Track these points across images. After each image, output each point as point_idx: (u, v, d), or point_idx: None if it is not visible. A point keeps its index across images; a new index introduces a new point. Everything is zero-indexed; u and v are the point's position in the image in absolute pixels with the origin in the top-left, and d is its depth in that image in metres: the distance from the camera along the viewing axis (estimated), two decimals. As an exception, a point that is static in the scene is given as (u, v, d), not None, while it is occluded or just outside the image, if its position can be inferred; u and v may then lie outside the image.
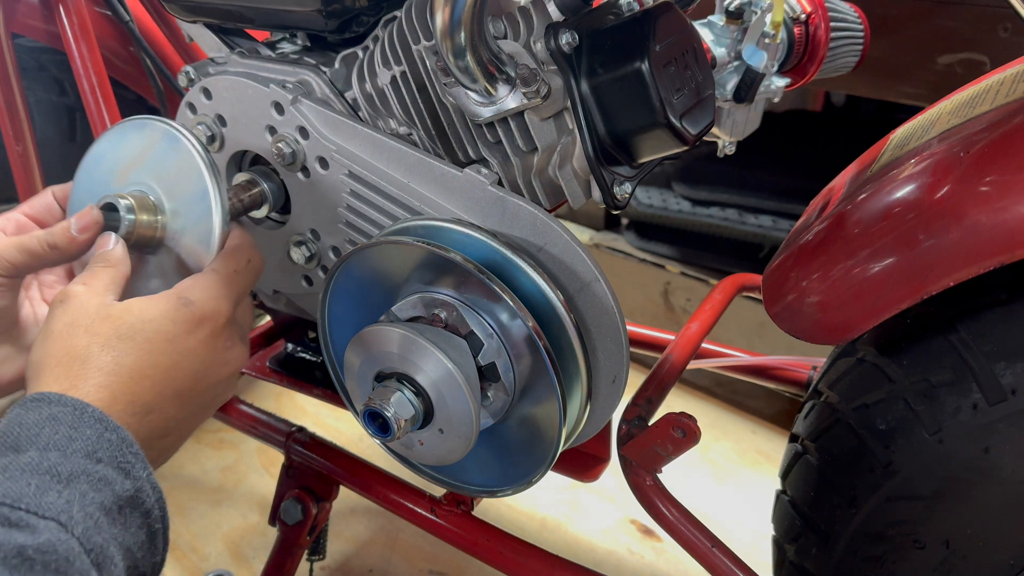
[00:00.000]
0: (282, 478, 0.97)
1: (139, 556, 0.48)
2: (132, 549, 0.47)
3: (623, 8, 0.66)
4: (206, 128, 0.73)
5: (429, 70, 0.64)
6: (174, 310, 0.55)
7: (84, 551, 0.43)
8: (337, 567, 1.30)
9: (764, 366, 1.03)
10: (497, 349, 0.61)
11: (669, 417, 0.69)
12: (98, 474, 0.46)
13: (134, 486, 0.47)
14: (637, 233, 1.86)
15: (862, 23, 0.99)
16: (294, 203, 0.73)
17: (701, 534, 0.73)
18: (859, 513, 0.65)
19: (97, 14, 1.06)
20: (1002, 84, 0.66)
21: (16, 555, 0.39)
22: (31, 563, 0.40)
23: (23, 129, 1.02)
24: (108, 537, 0.44)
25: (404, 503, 0.85)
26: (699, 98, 0.64)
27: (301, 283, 0.77)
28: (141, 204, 0.61)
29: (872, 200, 0.63)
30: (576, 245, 0.61)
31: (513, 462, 0.67)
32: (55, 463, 0.45)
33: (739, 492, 1.49)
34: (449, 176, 0.64)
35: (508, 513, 1.42)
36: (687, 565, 1.31)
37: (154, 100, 1.11)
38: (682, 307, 1.77)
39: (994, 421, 0.58)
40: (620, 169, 0.65)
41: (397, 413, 0.59)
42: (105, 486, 0.46)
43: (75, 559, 0.42)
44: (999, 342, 0.59)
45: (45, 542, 0.41)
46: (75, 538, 0.42)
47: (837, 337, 0.64)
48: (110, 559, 0.44)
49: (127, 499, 0.47)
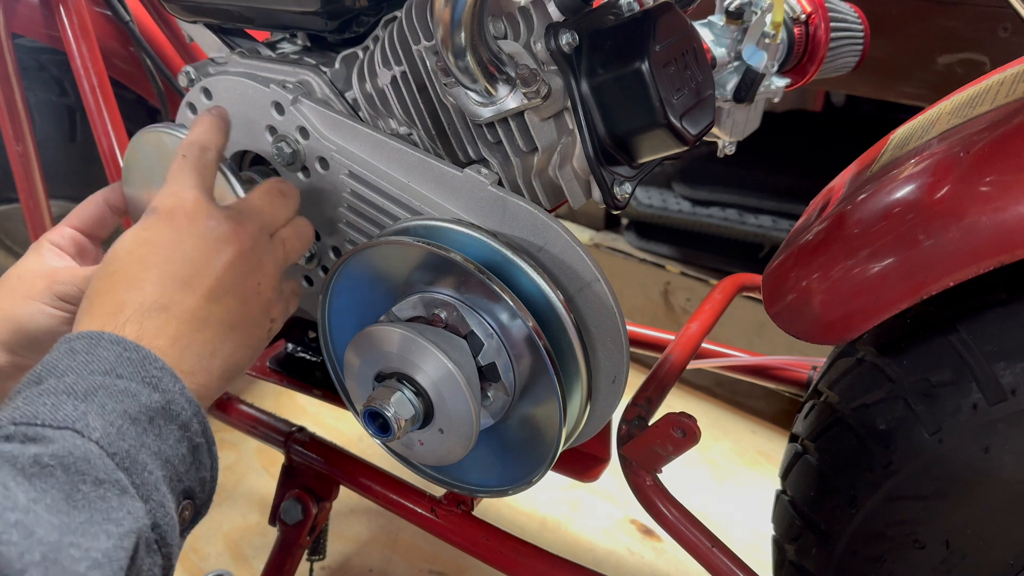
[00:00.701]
0: (282, 478, 0.97)
1: (181, 469, 0.47)
2: (172, 460, 0.46)
3: (623, 8, 0.66)
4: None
5: (429, 70, 0.64)
6: (143, 221, 0.56)
7: (107, 454, 0.42)
8: (337, 567, 1.30)
9: (764, 366, 1.03)
10: (497, 349, 0.61)
11: (669, 417, 0.69)
12: (118, 387, 0.45)
13: (164, 398, 0.47)
14: (637, 233, 1.86)
15: (862, 23, 0.99)
16: (294, 203, 0.73)
17: (701, 534, 0.73)
18: (859, 513, 0.65)
19: (97, 14, 1.06)
20: (1002, 84, 0.66)
21: (33, 463, 0.39)
22: (50, 469, 0.39)
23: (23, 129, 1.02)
24: (136, 444, 0.44)
25: (404, 503, 0.85)
26: (699, 98, 0.64)
27: (301, 283, 0.77)
28: None
29: (872, 200, 0.63)
30: (576, 245, 0.61)
31: (513, 462, 0.67)
32: (71, 383, 0.44)
33: (739, 492, 1.49)
34: (449, 176, 0.64)
35: (508, 513, 1.42)
36: (687, 565, 1.31)
37: (154, 100, 1.11)
38: (682, 307, 1.77)
39: (994, 421, 0.58)
40: (620, 169, 0.65)
41: (397, 413, 0.59)
42: (128, 397, 0.45)
43: (95, 460, 0.41)
44: (999, 342, 0.59)
45: (60, 448, 0.40)
46: (93, 442, 0.42)
47: (837, 337, 0.64)
48: (141, 465, 0.43)
49: (157, 410, 0.46)
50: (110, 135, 0.96)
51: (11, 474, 0.38)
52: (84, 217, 0.68)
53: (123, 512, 0.41)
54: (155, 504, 0.43)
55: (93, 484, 0.40)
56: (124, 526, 0.40)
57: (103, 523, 0.39)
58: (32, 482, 0.39)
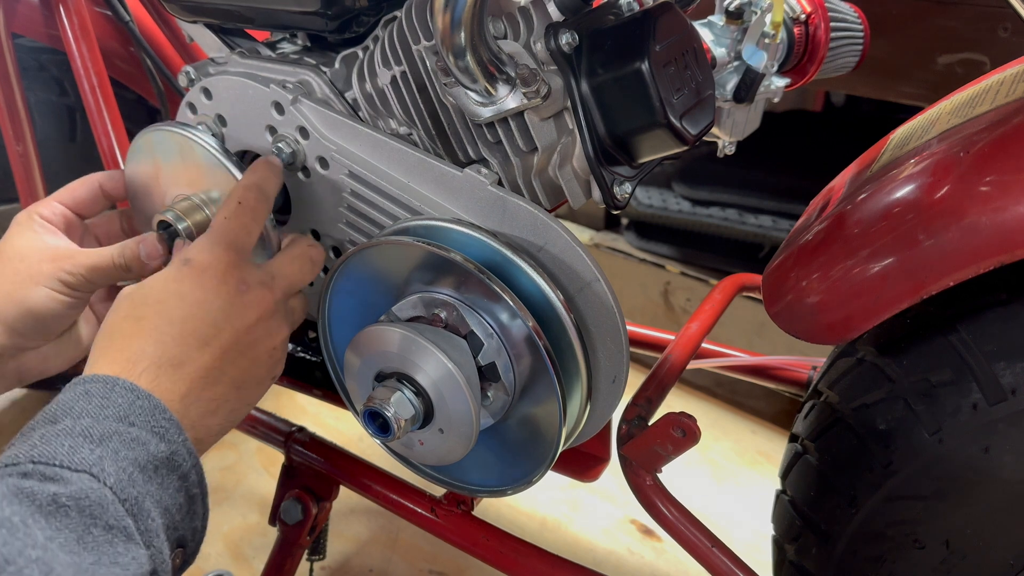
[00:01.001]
0: (282, 478, 0.97)
1: (178, 518, 0.49)
2: (170, 509, 0.48)
3: (623, 8, 0.66)
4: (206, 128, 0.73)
5: (429, 70, 0.64)
6: (176, 271, 0.57)
7: (118, 500, 0.44)
8: (337, 567, 1.30)
9: (764, 366, 1.03)
10: (497, 349, 0.61)
11: (669, 417, 0.69)
12: (131, 435, 0.47)
13: (169, 448, 0.49)
14: (637, 233, 1.86)
15: (862, 23, 0.99)
16: (294, 203, 0.73)
17: (701, 534, 0.73)
18: (859, 513, 0.65)
19: (97, 14, 1.06)
20: (1002, 84, 0.66)
21: (51, 502, 0.41)
22: (66, 509, 0.41)
23: (23, 129, 1.02)
24: (143, 492, 0.46)
25: (404, 503, 0.85)
26: (699, 98, 0.64)
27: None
28: (188, 209, 0.67)
29: (872, 200, 0.63)
30: (576, 245, 0.61)
31: (513, 462, 0.67)
32: (87, 426, 0.46)
33: (739, 492, 1.49)
34: (449, 176, 0.64)
35: (508, 513, 1.42)
36: (687, 565, 1.31)
37: (154, 100, 1.11)
38: (682, 307, 1.77)
39: (994, 421, 0.58)
40: (620, 169, 0.65)
41: (397, 413, 0.59)
42: (138, 445, 0.47)
43: (108, 505, 0.43)
44: (999, 342, 0.59)
45: (77, 490, 0.42)
46: (107, 487, 0.44)
47: (837, 337, 0.64)
48: (146, 512, 0.45)
49: (162, 460, 0.48)
50: (110, 135, 0.97)
51: (30, 511, 0.40)
52: (76, 196, 0.70)
53: (128, 557, 0.42)
54: (155, 551, 0.45)
55: (104, 528, 0.42)
56: (129, 571, 0.42)
57: (110, 566, 0.41)
58: (48, 520, 0.40)
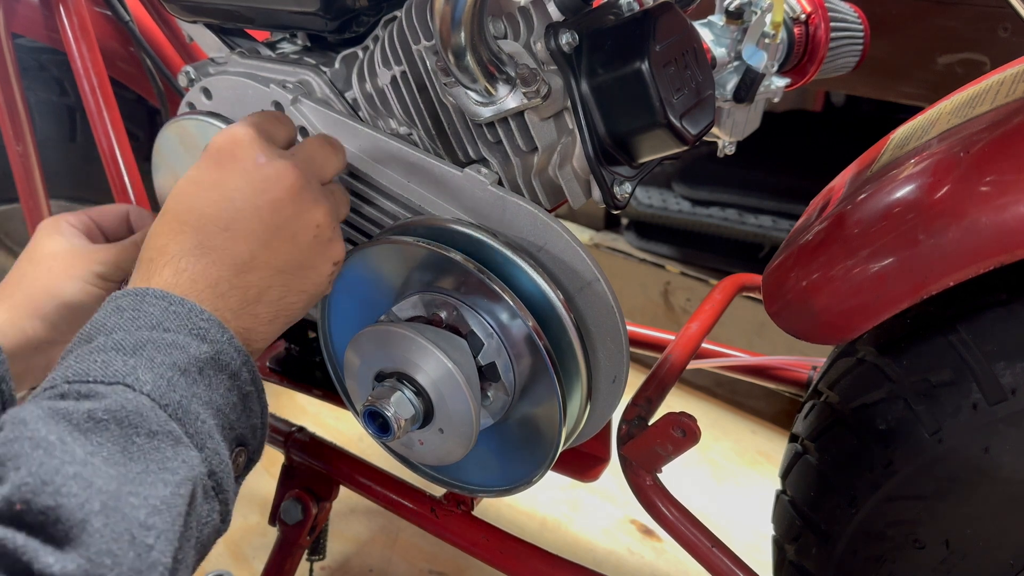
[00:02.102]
0: (282, 478, 0.97)
1: (233, 417, 0.48)
2: (224, 410, 0.47)
3: (623, 8, 0.66)
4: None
5: (429, 70, 0.64)
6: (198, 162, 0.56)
7: (158, 406, 0.43)
8: (337, 567, 1.30)
9: (764, 366, 1.03)
10: (497, 349, 0.61)
11: (669, 417, 0.69)
12: (166, 340, 0.46)
13: (213, 348, 0.47)
14: (637, 233, 1.86)
15: (862, 23, 0.99)
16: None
17: (701, 534, 0.73)
18: (859, 513, 0.65)
19: (97, 14, 1.06)
20: (1002, 84, 0.66)
21: (87, 419, 0.40)
22: (105, 423, 0.40)
23: (23, 129, 1.02)
24: (187, 395, 0.44)
25: (404, 503, 0.85)
26: (699, 98, 0.64)
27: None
28: None
29: (872, 200, 0.63)
30: (576, 245, 0.61)
31: (513, 462, 0.67)
32: (120, 339, 0.45)
33: (739, 492, 1.49)
34: (449, 176, 0.64)
35: (508, 513, 1.42)
36: (687, 565, 1.31)
37: (154, 100, 1.11)
38: (682, 307, 1.77)
39: (994, 421, 0.58)
40: (620, 169, 0.65)
41: (397, 413, 0.59)
42: (176, 349, 0.46)
43: (147, 412, 0.42)
44: (999, 342, 0.59)
45: (113, 403, 0.41)
46: (144, 395, 0.43)
47: (837, 337, 0.64)
48: (194, 415, 0.44)
49: (207, 360, 0.47)
50: (110, 135, 0.96)
51: (67, 430, 0.39)
52: (105, 215, 0.70)
53: (178, 461, 0.42)
54: (210, 452, 0.44)
55: (147, 436, 0.41)
56: (180, 474, 0.41)
57: (159, 472, 0.40)
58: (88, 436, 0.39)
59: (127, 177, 0.96)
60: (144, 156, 1.19)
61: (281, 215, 0.54)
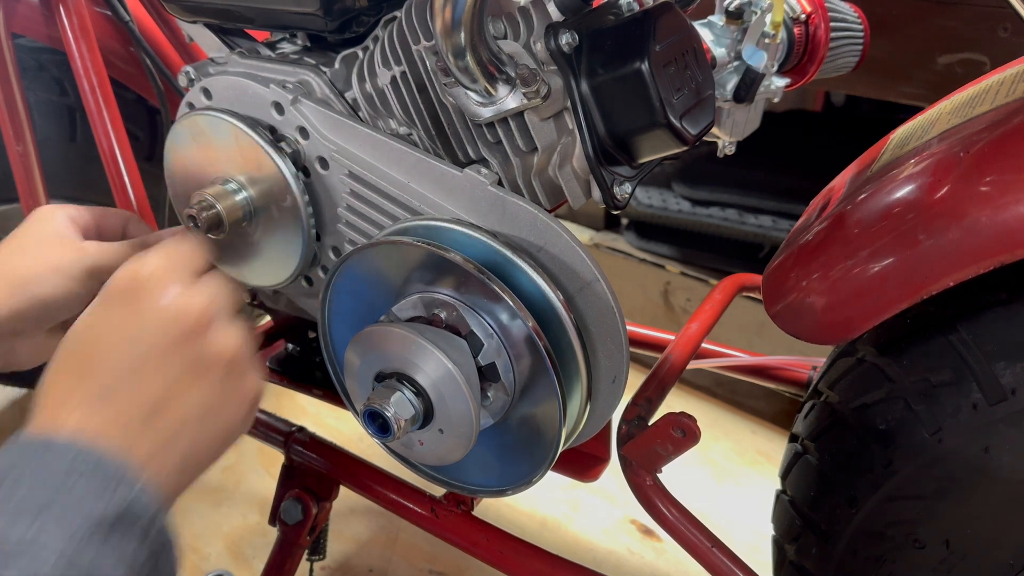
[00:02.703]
0: (282, 478, 0.97)
1: (143, 574, 0.45)
2: (134, 567, 0.44)
3: (623, 8, 0.66)
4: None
5: (429, 70, 0.64)
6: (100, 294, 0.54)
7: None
8: (337, 567, 1.30)
9: (764, 366, 1.03)
10: (497, 349, 0.61)
11: (669, 417, 0.69)
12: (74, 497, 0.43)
13: (123, 503, 0.45)
14: (637, 233, 1.86)
15: (862, 23, 0.99)
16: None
17: (701, 534, 0.73)
18: (859, 513, 0.65)
19: (97, 14, 1.06)
20: (1002, 84, 0.66)
21: None
22: None
23: (23, 129, 1.02)
24: (97, 556, 0.42)
25: (404, 503, 0.85)
26: (699, 98, 0.64)
27: (301, 283, 0.77)
28: (219, 194, 0.68)
29: (872, 200, 0.63)
30: (576, 245, 0.61)
31: (513, 462, 0.67)
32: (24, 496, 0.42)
33: (739, 492, 1.49)
34: (449, 176, 0.64)
35: (508, 513, 1.42)
36: (687, 565, 1.31)
37: (154, 100, 1.11)
38: (682, 307, 1.77)
39: (994, 421, 0.58)
40: (620, 169, 0.65)
41: (397, 413, 0.59)
42: (84, 506, 0.43)
43: None
44: (999, 342, 0.59)
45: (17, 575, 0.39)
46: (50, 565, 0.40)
47: (837, 337, 0.64)
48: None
49: (117, 516, 0.44)
50: (110, 135, 0.96)
51: None
52: (105, 215, 0.70)
53: None
54: None
55: None
56: None
57: None
58: None
59: (127, 177, 0.96)
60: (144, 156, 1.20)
61: (186, 354, 0.51)
